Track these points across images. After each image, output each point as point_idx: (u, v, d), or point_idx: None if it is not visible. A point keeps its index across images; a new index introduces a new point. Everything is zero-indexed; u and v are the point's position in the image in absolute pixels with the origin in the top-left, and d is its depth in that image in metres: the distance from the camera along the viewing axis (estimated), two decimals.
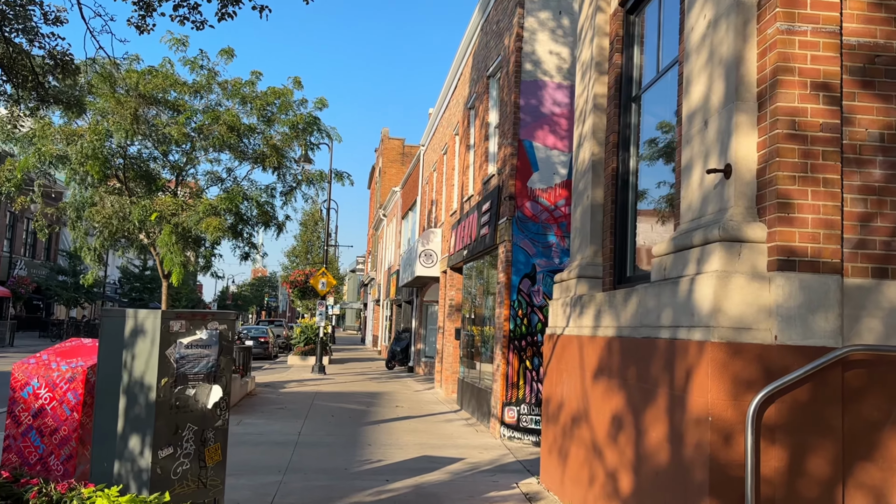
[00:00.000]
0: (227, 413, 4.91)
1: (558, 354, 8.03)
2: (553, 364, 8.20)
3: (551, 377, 8.26)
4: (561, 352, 7.92)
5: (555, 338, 8.20)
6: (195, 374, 4.65)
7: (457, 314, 17.42)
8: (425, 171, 24.70)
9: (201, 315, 4.72)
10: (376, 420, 13.29)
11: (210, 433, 4.79)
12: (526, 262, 12.01)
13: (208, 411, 4.77)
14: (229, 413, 4.98)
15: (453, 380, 17.42)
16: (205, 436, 4.74)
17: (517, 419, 11.78)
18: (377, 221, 44.38)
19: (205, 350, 4.69)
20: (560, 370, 7.90)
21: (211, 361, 4.75)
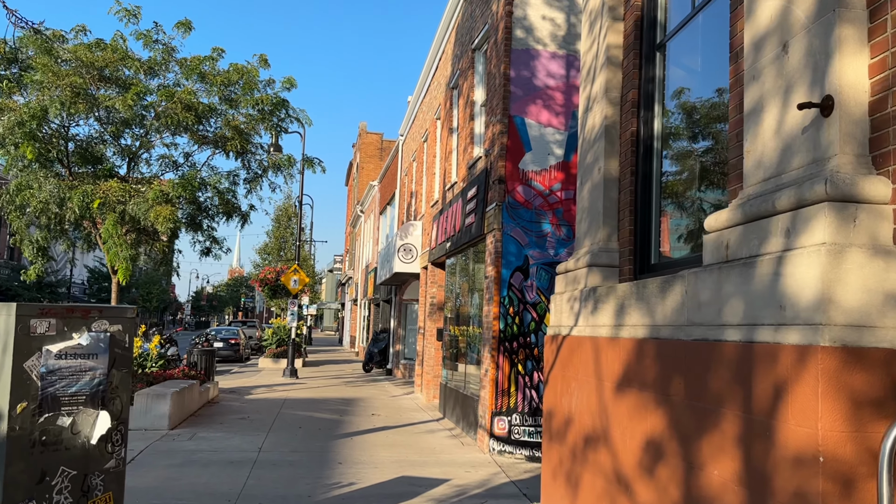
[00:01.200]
0: (123, 449, 3.49)
1: (564, 359, 6.66)
2: (557, 370, 6.83)
3: (555, 386, 6.90)
4: (568, 356, 6.55)
5: (559, 339, 6.84)
6: (73, 396, 3.24)
7: (439, 313, 16.03)
8: (404, 161, 23.28)
9: (82, 311, 3.30)
10: (350, 431, 11.86)
11: (97, 479, 3.38)
12: (517, 253, 10.65)
13: (93, 448, 3.35)
14: (126, 448, 3.56)
15: (435, 384, 16.02)
16: (88, 483, 3.33)
17: (508, 431, 10.42)
18: (355, 218, 42.86)
19: (87, 361, 3.27)
20: (567, 378, 6.54)
21: (97, 377, 3.33)
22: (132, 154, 14.67)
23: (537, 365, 10.54)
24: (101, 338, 3.30)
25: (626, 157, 6.31)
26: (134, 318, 3.52)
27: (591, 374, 5.89)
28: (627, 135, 6.31)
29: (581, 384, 6.13)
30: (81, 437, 3.29)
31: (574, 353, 6.37)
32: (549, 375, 7.12)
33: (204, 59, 14.71)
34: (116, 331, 3.37)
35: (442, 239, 14.55)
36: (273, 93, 15.37)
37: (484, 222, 11.17)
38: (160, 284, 69.23)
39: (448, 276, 14.82)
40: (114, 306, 3.55)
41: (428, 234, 17.23)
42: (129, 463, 8.93)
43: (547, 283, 10.65)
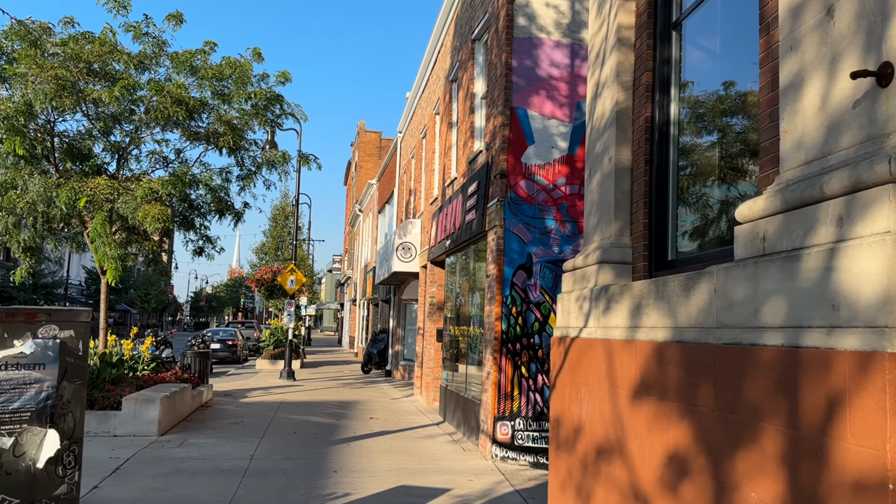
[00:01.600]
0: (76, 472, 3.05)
1: (573, 363, 6.22)
2: (565, 375, 6.40)
3: (563, 391, 6.46)
4: (577, 359, 6.12)
5: (567, 341, 6.41)
6: (14, 413, 2.79)
7: (438, 313, 15.58)
8: (403, 159, 22.84)
9: (26, 314, 2.84)
10: (346, 437, 11.41)
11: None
12: (520, 251, 10.21)
13: (40, 472, 2.91)
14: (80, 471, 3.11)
15: (435, 386, 15.58)
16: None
17: (511, 436, 9.97)
18: (353, 217, 42.42)
19: (32, 372, 2.83)
20: (576, 383, 6.10)
21: (45, 390, 2.89)
22: (121, 151, 14.22)
23: (541, 367, 10.10)
24: (50, 345, 2.86)
25: (640, 145, 5.87)
26: (88, 323, 3.07)
27: (603, 380, 5.45)
28: (641, 121, 5.87)
29: (592, 390, 5.69)
30: (26, 459, 2.85)
31: (584, 356, 5.93)
32: (557, 380, 6.68)
33: (195, 53, 14.27)
34: (68, 337, 2.92)
35: (441, 237, 14.11)
36: (267, 87, 14.92)
37: (485, 218, 10.72)
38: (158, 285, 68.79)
39: (448, 275, 14.39)
40: (65, 309, 3.10)
41: (427, 232, 16.79)
42: (114, 473, 8.49)
43: (551, 282, 10.21)
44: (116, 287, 54.84)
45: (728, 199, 4.82)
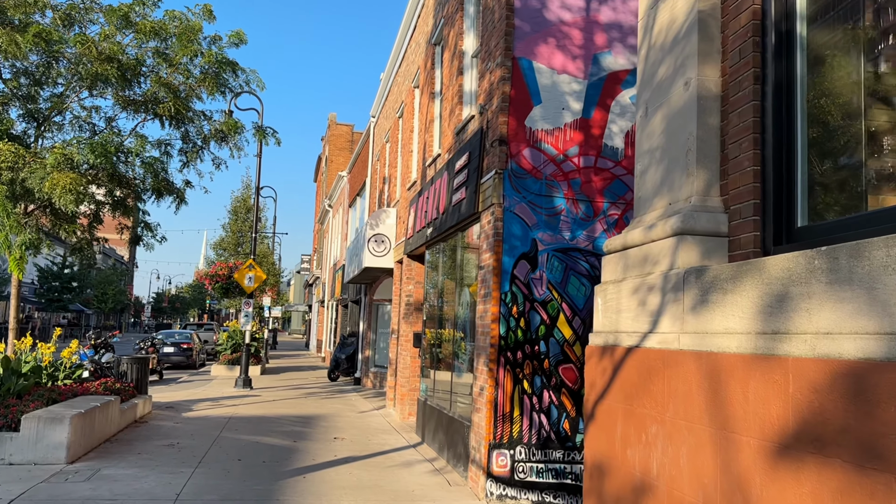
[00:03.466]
0: None
1: (631, 385, 4.19)
2: (614, 402, 4.37)
3: (608, 425, 4.43)
4: (640, 380, 4.08)
5: (616, 353, 4.39)
6: None
7: (416, 315, 13.50)
8: (376, 144, 20.73)
9: None
10: (303, 466, 9.27)
11: None
12: (523, 236, 8.18)
13: None
14: None
15: (411, 399, 13.48)
16: None
17: (510, 469, 7.93)
18: (323, 214, 40.15)
19: None
20: (638, 417, 4.07)
21: None
22: (43, 118, 11.93)
23: (548, 382, 8.07)
24: None
25: (740, 58, 3.86)
26: None
27: (700, 417, 3.42)
28: (742, 20, 3.86)
29: (675, 431, 3.65)
30: None
31: (655, 376, 3.89)
32: (597, 407, 4.64)
33: (133, 4, 12.05)
34: None
35: (421, 225, 12.04)
36: (218, 49, 12.73)
37: (478, 197, 8.68)
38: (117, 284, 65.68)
39: (429, 270, 12.31)
40: None
41: (403, 222, 14.70)
42: None
43: (560, 276, 8.19)
44: (70, 286, 51.48)
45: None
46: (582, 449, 8.03)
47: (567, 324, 8.16)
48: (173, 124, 12.56)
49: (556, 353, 8.12)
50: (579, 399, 8.08)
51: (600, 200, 8.39)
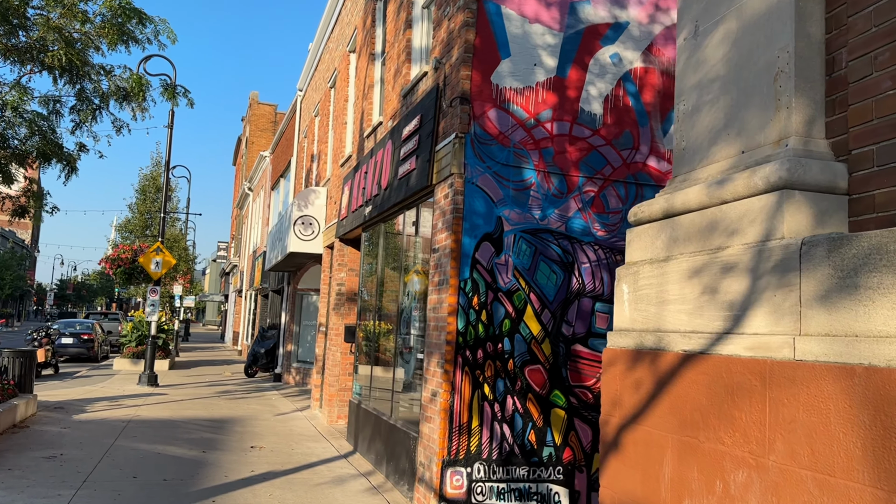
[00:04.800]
0: None
1: (693, 405, 2.94)
2: (653, 427, 3.12)
3: (643, 459, 3.18)
4: (709, 402, 2.84)
5: (661, 360, 3.14)
6: None
7: (349, 306, 12.04)
8: (303, 120, 19.06)
9: None
10: (214, 484, 7.73)
11: None
12: (487, 213, 6.88)
13: None
14: None
15: (341, 400, 12.02)
16: None
17: (467, 490, 6.64)
18: (242, 198, 37.90)
19: None
20: (706, 453, 2.82)
21: None
22: None
23: (512, 386, 6.82)
24: None
25: None
26: None
27: (848, 467, 2.17)
28: None
29: (789, 484, 2.40)
30: None
31: (746, 396, 2.65)
32: (625, 433, 3.38)
33: None
34: None
35: (358, 204, 10.60)
36: None
37: (431, 167, 7.33)
38: (15, 269, 61.05)
39: (366, 256, 10.88)
40: None
41: (335, 202, 13.20)
42: None
43: (528, 261, 6.94)
44: None
45: None
46: (550, 465, 6.82)
47: (535, 318, 6.92)
48: (67, 79, 10.67)
49: (523, 352, 6.88)
50: (547, 406, 6.87)
51: (575, 174, 7.18)
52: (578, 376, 7.00)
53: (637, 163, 7.38)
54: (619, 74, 7.41)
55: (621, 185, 7.31)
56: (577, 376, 6.99)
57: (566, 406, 6.94)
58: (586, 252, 7.13)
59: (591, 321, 7.07)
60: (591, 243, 7.15)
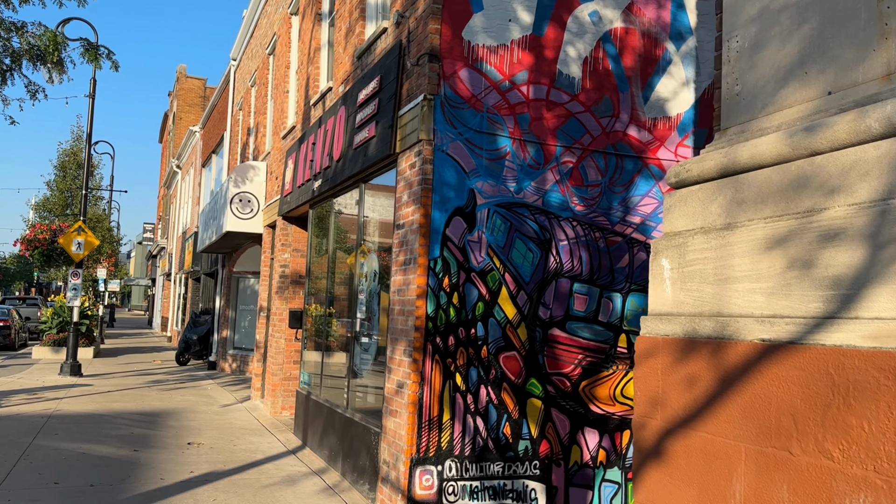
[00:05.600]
0: None
1: (782, 409, 2.34)
2: (715, 433, 2.53)
3: (701, 473, 2.58)
4: (805, 405, 2.24)
5: (727, 351, 2.52)
6: None
7: (294, 289, 11.21)
8: (238, 91, 17.92)
9: None
10: (148, 490, 6.88)
11: None
12: (458, 185, 6.22)
13: None
14: None
15: (287, 391, 11.21)
16: None
17: (438, 490, 6.01)
18: (170, 176, 36.11)
19: None
20: (804, 469, 2.23)
21: None
22: None
23: (486, 375, 6.20)
24: None
25: None
26: None
27: None
28: None
29: None
30: None
31: (870, 399, 2.05)
32: (670, 439, 2.79)
33: None
34: None
35: (304, 179, 9.76)
36: None
37: (395, 133, 6.60)
38: None
39: (314, 234, 10.06)
40: None
41: (277, 178, 12.28)
42: None
43: (503, 238, 6.32)
44: None
45: None
46: (526, 459, 6.26)
47: (510, 300, 6.31)
48: None
49: (497, 338, 6.27)
50: (523, 396, 6.29)
51: (553, 143, 6.57)
52: (556, 363, 6.44)
53: (617, 132, 6.82)
54: (598, 34, 6.82)
55: (600, 156, 6.74)
56: (554, 363, 6.43)
57: (543, 395, 6.37)
58: (564, 228, 6.54)
59: (569, 303, 6.51)
60: (570, 219, 6.56)
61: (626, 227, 6.76)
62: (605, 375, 6.60)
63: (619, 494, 6.63)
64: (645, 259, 6.84)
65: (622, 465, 6.61)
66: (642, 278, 6.78)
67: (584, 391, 6.51)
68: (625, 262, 6.72)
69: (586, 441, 6.51)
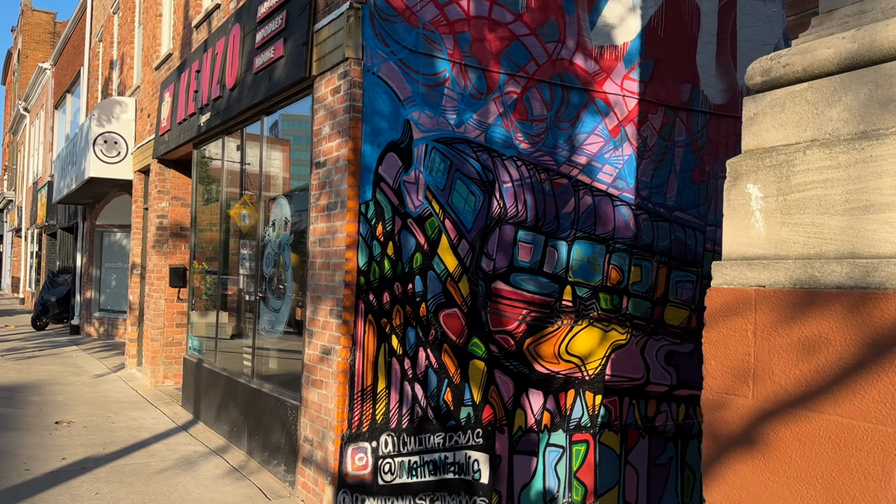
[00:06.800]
0: None
1: None
2: (848, 418, 1.80)
3: (818, 471, 1.87)
4: None
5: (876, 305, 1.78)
6: None
7: (175, 242, 9.86)
8: (97, 21, 15.76)
9: None
10: (9, 484, 5.62)
11: None
12: (392, 115, 5.28)
13: None
14: None
15: (170, 357, 9.93)
16: None
17: (373, 469, 5.20)
18: (16, 120, 32.32)
19: None
20: None
21: None
22: None
23: (425, 336, 5.40)
24: None
25: None
26: None
27: None
28: None
29: None
30: None
31: None
32: (767, 425, 2.07)
33: None
34: None
35: (186, 113, 8.42)
36: None
37: (310, 52, 5.53)
38: None
39: (200, 179, 8.75)
40: None
41: (149, 115, 10.72)
42: None
43: (443, 179, 5.47)
44: None
45: None
46: (468, 427, 5.56)
47: (451, 250, 5.51)
48: None
49: (437, 294, 5.46)
50: (465, 357, 5.55)
51: (496, 70, 5.74)
52: (499, 320, 5.73)
53: (563, 60, 6.07)
54: None
55: (546, 87, 5.98)
56: (497, 320, 5.71)
57: (486, 356, 5.66)
58: (508, 169, 5.77)
59: (513, 253, 5.78)
60: (514, 157, 5.79)
61: (572, 168, 6.08)
62: (550, 332, 5.97)
63: (563, 459, 6.08)
64: (591, 203, 6.21)
65: (566, 426, 6.06)
66: (587, 224, 6.16)
67: (528, 350, 5.85)
68: (570, 206, 6.06)
69: (531, 404, 5.88)
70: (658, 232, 6.53)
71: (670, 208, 6.60)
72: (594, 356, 6.17)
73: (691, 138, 6.77)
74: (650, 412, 6.53)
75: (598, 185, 6.18)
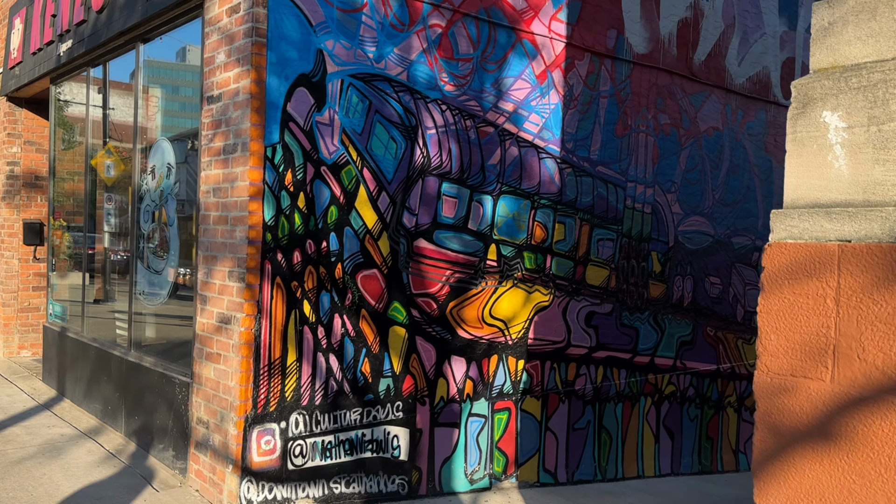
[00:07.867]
0: None
1: None
2: None
3: None
4: None
5: None
6: None
7: (29, 193, 8.54)
8: None
9: None
10: None
11: None
12: (302, 42, 4.52)
13: None
14: None
15: (26, 324, 8.69)
16: None
17: (282, 454, 4.56)
18: None
19: None
20: None
21: None
22: None
23: (341, 300, 4.76)
24: None
25: None
26: None
27: None
28: None
29: None
30: None
31: None
32: (854, 414, 1.63)
33: None
34: None
35: (42, 42, 7.16)
36: None
37: None
38: None
39: (60, 120, 7.52)
40: None
41: None
42: None
43: (361, 121, 4.79)
44: None
45: None
46: (388, 401, 5.01)
47: (370, 203, 4.86)
48: None
49: (354, 253, 4.81)
50: (385, 324, 4.97)
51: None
52: (421, 282, 5.16)
53: None
54: None
55: (472, 23, 5.38)
56: (419, 282, 5.15)
57: (407, 322, 5.10)
58: (432, 113, 5.16)
59: (436, 208, 5.21)
60: (439, 101, 5.18)
61: (499, 115, 5.54)
62: (474, 294, 5.48)
63: (485, 429, 5.66)
64: (517, 155, 5.71)
65: (489, 394, 5.63)
66: (513, 178, 5.67)
67: (451, 314, 5.34)
68: (496, 157, 5.53)
69: (453, 372, 5.39)
70: (582, 187, 6.15)
71: (594, 162, 6.22)
72: (517, 319, 5.74)
73: (615, 88, 6.39)
74: (570, 376, 6.22)
75: (525, 135, 5.68)
